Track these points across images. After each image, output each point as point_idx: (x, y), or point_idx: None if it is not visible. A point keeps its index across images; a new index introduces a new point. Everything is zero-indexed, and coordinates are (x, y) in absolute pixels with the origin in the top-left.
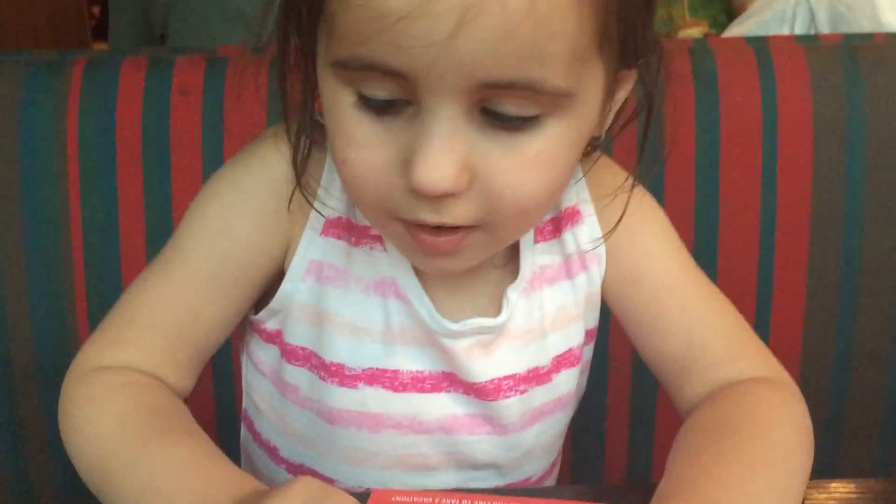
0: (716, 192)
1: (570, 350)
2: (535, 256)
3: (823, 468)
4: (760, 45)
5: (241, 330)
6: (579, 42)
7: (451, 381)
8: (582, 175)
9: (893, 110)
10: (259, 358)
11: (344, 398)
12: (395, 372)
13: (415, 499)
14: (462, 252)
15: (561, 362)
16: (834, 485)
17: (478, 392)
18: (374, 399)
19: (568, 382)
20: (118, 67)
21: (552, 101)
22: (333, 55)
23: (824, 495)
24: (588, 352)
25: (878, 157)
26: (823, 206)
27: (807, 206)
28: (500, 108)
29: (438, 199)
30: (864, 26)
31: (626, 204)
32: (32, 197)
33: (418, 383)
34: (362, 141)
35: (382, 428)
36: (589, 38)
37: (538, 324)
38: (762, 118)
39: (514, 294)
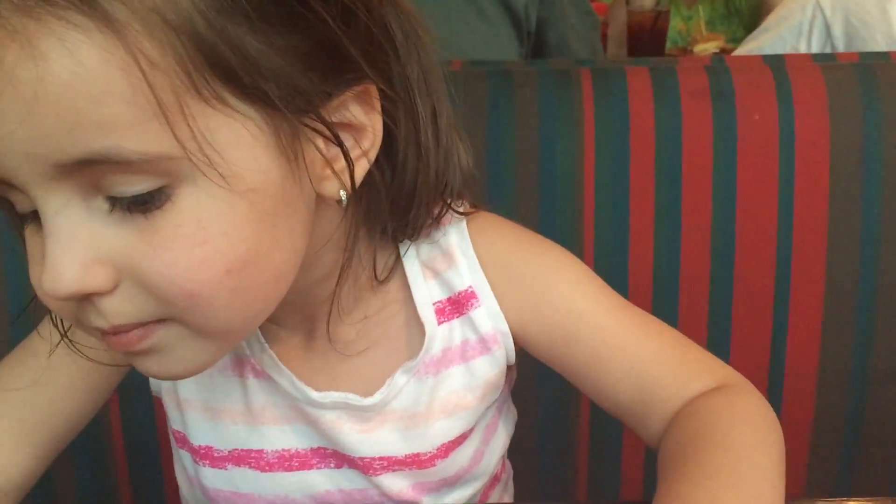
0: (733, 209)
1: (462, 435)
2: (436, 339)
3: (840, 486)
4: (777, 64)
5: None
6: (147, 98)
7: (322, 456)
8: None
9: None
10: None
11: (216, 479)
12: (260, 452)
13: None
14: (163, 351)
15: (449, 448)
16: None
17: (355, 465)
18: (242, 479)
19: (460, 461)
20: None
21: (159, 169)
22: None
23: None
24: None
25: (895, 176)
26: (840, 224)
27: (824, 224)
28: (116, 191)
29: (88, 301)
30: (879, 41)
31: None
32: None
33: (285, 462)
34: (31, 257)
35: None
36: (170, 90)
37: (425, 409)
38: (779, 136)
39: (403, 376)
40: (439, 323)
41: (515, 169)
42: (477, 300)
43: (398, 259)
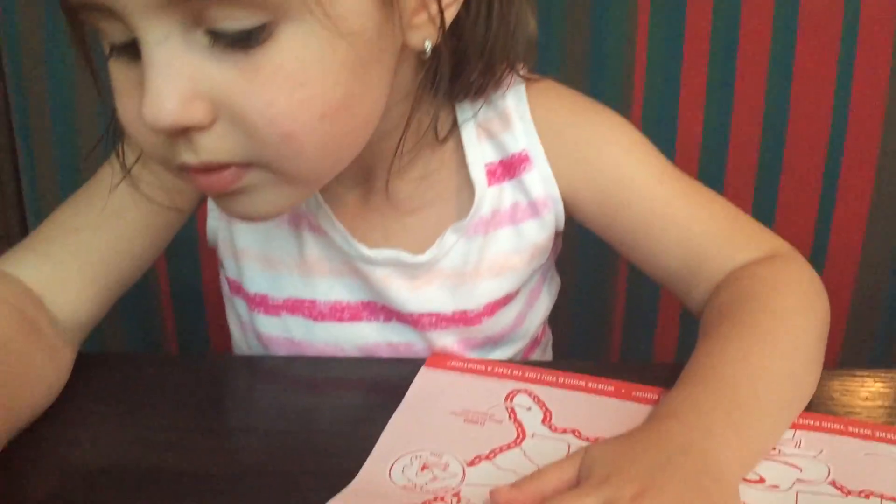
0: (788, 85)
1: (507, 295)
2: (486, 200)
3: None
4: None
5: None
6: None
7: (372, 310)
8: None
9: None
10: (225, 288)
11: (271, 326)
12: (313, 301)
13: (469, 364)
14: (250, 193)
15: (495, 307)
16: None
17: (400, 318)
18: (296, 327)
19: (501, 322)
20: None
21: (266, 3)
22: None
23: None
24: (538, 282)
25: None
26: None
27: (881, 106)
28: (219, 25)
29: (183, 136)
30: None
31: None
32: None
33: (336, 312)
34: (120, 90)
35: (309, 353)
36: None
37: (473, 268)
38: (843, 11)
39: (453, 235)
40: (490, 184)
41: (566, 36)
42: (530, 163)
43: (455, 119)
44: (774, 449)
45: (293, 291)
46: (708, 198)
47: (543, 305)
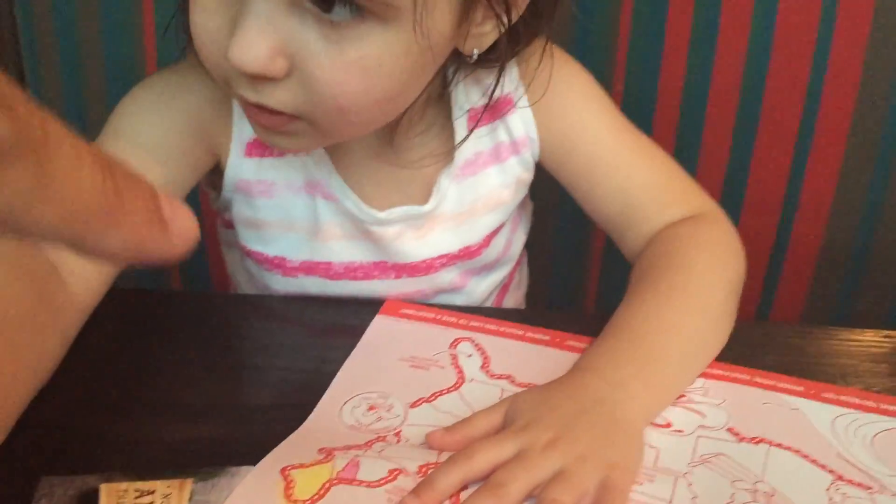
0: (770, 35)
1: (502, 224)
2: (470, 144)
3: (838, 318)
4: None
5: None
6: None
7: (382, 269)
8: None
9: None
10: (227, 239)
11: (287, 285)
12: (329, 264)
13: (420, 312)
14: (291, 135)
15: (491, 237)
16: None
17: (410, 271)
18: (312, 285)
19: (497, 247)
20: None
21: (378, 6)
22: None
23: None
24: (520, 213)
25: None
26: (877, 61)
27: (860, 60)
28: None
29: (255, 79)
30: None
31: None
32: None
33: (350, 272)
34: (204, 5)
35: None
36: None
37: (470, 206)
38: None
39: (446, 180)
40: (472, 129)
41: None
42: (513, 106)
43: (446, 73)
44: (684, 396)
45: (310, 255)
46: (650, 152)
47: (524, 228)
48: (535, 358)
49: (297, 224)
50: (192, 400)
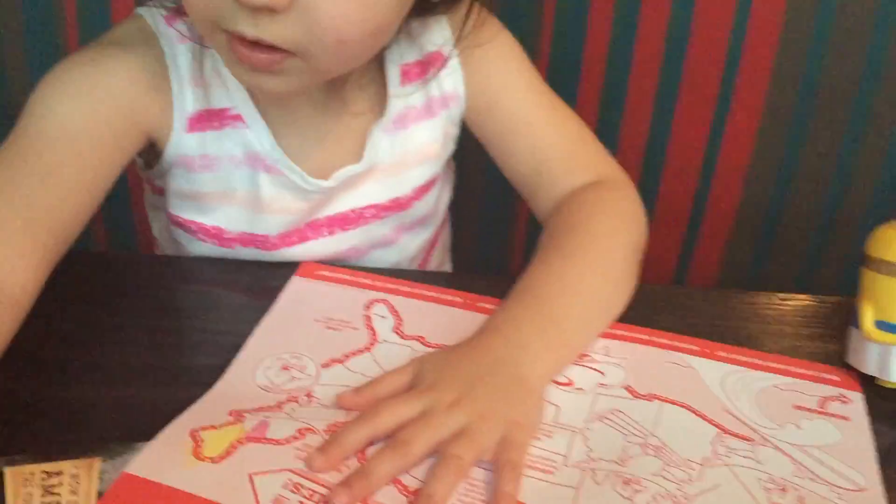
0: (691, 5)
1: (432, 179)
2: (401, 98)
3: (751, 278)
4: None
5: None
6: None
7: (315, 227)
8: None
9: None
10: (156, 204)
11: (220, 254)
12: (266, 236)
13: (335, 274)
14: (280, 74)
15: (422, 191)
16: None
17: (342, 223)
18: (248, 255)
19: (426, 204)
20: None
21: None
22: None
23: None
24: (448, 170)
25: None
26: (793, 28)
27: (778, 26)
28: None
29: (257, 12)
30: None
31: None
32: None
33: (285, 239)
34: None
35: None
36: None
37: (401, 159)
38: None
39: (378, 134)
40: (402, 84)
41: None
42: (443, 61)
43: None
44: (587, 355)
45: (247, 227)
46: (564, 116)
47: (448, 186)
48: (447, 320)
49: (237, 196)
50: (126, 362)
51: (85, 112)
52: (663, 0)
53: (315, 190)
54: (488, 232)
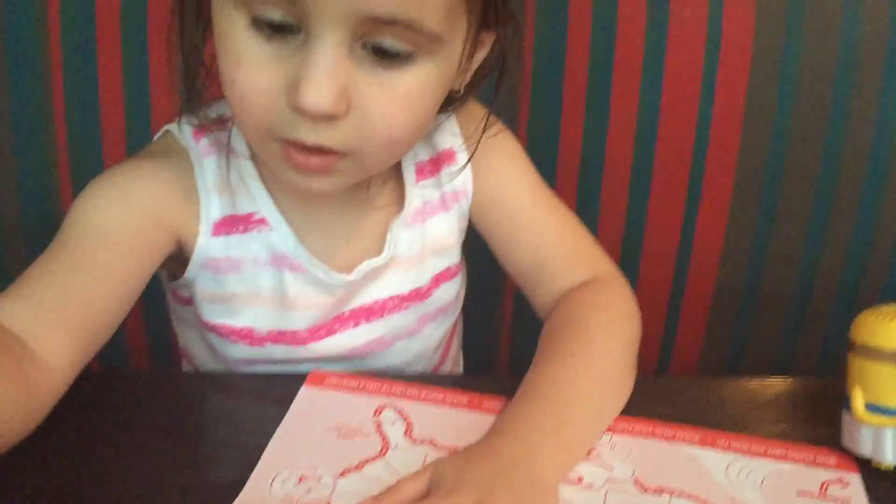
0: (658, 98)
1: (448, 268)
2: (418, 194)
3: (731, 363)
4: None
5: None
6: None
7: (342, 321)
8: (449, 116)
9: (829, 32)
10: (183, 316)
11: (254, 354)
12: (294, 332)
13: (343, 381)
14: (332, 175)
15: (440, 279)
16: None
17: (367, 314)
18: (280, 352)
19: (447, 293)
20: None
21: (426, 42)
22: None
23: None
24: (462, 263)
25: (809, 75)
26: (755, 119)
27: (740, 117)
28: (381, 41)
29: (317, 120)
30: None
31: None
32: (16, 73)
33: (314, 334)
34: (252, 62)
35: (293, 363)
36: None
37: (419, 251)
38: (707, 34)
39: (398, 228)
40: (418, 180)
41: None
42: (454, 159)
43: None
44: (594, 450)
45: (277, 324)
46: (563, 216)
47: (464, 277)
48: (455, 421)
49: (264, 296)
50: (144, 479)
51: (118, 215)
52: (630, 100)
53: (338, 284)
54: (473, 329)
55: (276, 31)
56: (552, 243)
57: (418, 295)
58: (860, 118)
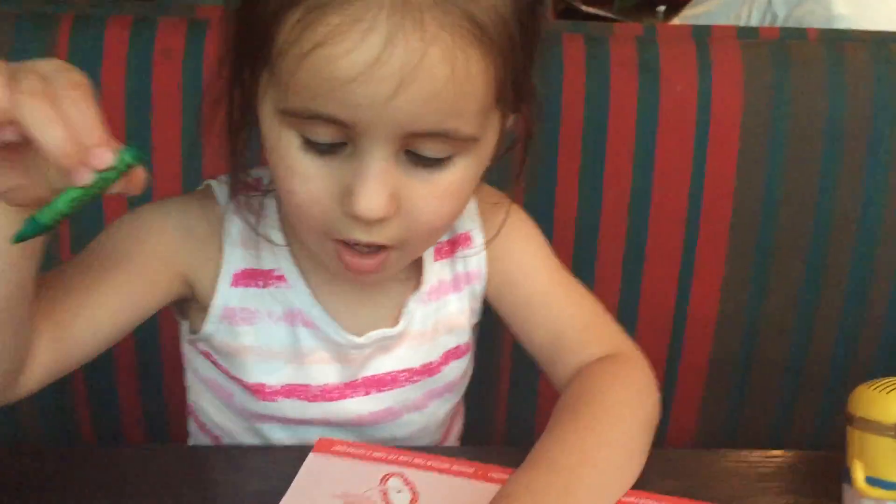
0: (651, 173)
1: (458, 346)
2: (436, 272)
3: (728, 431)
4: (703, 37)
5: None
6: (486, 98)
7: (353, 387)
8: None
9: (815, 107)
10: (197, 366)
11: (266, 408)
12: (307, 386)
13: (350, 449)
14: (383, 268)
15: (449, 356)
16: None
17: (378, 385)
18: (291, 408)
19: (455, 371)
20: (103, 27)
21: (463, 145)
22: (283, 104)
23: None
24: (471, 342)
25: (798, 149)
26: (745, 191)
27: (730, 191)
28: (422, 151)
29: (371, 223)
30: (818, 13)
31: (504, 220)
32: None
33: (326, 394)
34: (306, 175)
35: (300, 425)
36: (492, 94)
37: (432, 328)
38: (697, 108)
39: (414, 304)
40: (436, 260)
41: None
42: (471, 242)
43: None
44: None
45: (289, 379)
46: (579, 293)
47: (472, 356)
48: (461, 490)
49: (276, 351)
50: None
51: (139, 239)
52: (624, 177)
53: (350, 345)
54: (472, 403)
55: (328, 146)
56: (569, 318)
57: (428, 370)
58: (847, 189)
